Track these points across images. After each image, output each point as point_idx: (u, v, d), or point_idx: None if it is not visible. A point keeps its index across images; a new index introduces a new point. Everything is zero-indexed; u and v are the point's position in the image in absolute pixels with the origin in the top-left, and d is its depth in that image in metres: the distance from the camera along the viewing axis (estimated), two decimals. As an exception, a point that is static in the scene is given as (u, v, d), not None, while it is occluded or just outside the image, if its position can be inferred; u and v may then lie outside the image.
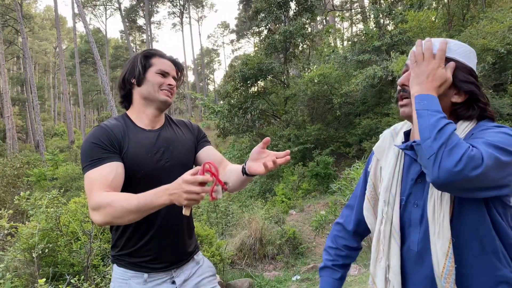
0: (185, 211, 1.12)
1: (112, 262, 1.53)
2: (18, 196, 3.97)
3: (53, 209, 3.81)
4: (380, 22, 11.91)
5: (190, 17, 48.79)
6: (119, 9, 42.09)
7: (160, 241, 1.46)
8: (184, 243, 1.54)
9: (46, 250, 3.53)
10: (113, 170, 1.33)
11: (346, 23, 32.70)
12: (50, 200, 3.93)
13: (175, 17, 48.64)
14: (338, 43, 20.37)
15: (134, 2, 44.70)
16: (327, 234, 1.39)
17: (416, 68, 1.00)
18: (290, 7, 13.56)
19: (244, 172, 1.34)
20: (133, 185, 1.36)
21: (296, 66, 14.43)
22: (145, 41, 47.48)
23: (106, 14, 45.08)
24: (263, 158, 1.25)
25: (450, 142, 0.84)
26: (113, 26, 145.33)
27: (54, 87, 48.97)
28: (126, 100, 1.56)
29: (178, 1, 46.66)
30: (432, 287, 0.97)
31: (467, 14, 10.08)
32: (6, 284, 3.01)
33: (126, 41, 44.41)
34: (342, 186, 6.60)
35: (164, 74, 1.51)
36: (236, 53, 54.26)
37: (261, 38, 15.16)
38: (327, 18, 22.98)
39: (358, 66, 11.35)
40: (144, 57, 1.52)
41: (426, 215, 0.98)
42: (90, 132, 1.44)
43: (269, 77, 13.24)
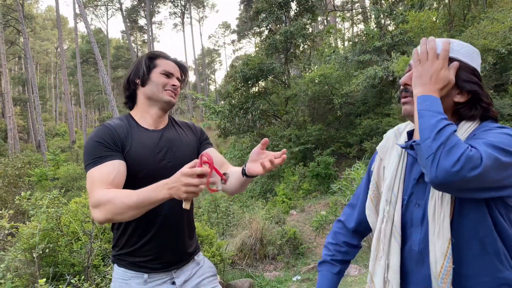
0: (185, 205, 1.11)
1: (112, 262, 1.53)
2: (19, 196, 3.98)
3: (53, 209, 3.81)
4: (381, 22, 11.91)
5: (191, 17, 49.06)
6: (120, 9, 42.19)
7: (160, 240, 1.46)
8: (184, 244, 1.54)
9: (47, 250, 3.54)
10: (115, 168, 1.34)
11: (347, 24, 32.75)
12: (50, 200, 3.93)
13: (176, 17, 48.73)
14: (339, 44, 20.38)
15: (135, 3, 44.77)
16: (328, 234, 1.39)
17: (419, 67, 0.99)
18: (291, 8, 13.56)
19: (244, 173, 1.35)
20: (135, 184, 1.36)
21: (297, 67, 14.42)
22: (146, 41, 47.51)
23: (107, 14, 45.25)
24: (262, 159, 1.26)
25: (449, 143, 0.84)
26: (114, 27, 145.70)
27: (56, 87, 49.08)
28: (130, 100, 1.58)
29: (179, 1, 46.72)
30: (432, 287, 0.97)
31: (468, 14, 10.07)
32: (6, 284, 3.01)
33: (127, 41, 44.51)
34: (342, 187, 6.60)
35: (168, 74, 1.52)
36: (237, 53, 54.43)
37: (262, 38, 15.14)
38: (328, 19, 23.00)
39: (359, 67, 11.35)
40: (148, 58, 1.54)
41: (427, 215, 0.98)
42: (93, 131, 1.44)
43: (270, 77, 13.24)
